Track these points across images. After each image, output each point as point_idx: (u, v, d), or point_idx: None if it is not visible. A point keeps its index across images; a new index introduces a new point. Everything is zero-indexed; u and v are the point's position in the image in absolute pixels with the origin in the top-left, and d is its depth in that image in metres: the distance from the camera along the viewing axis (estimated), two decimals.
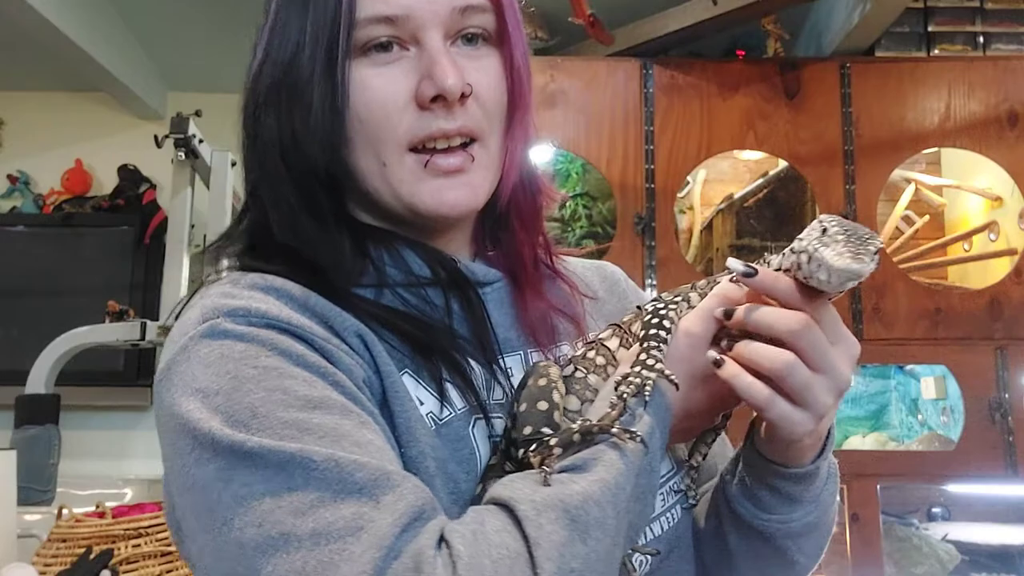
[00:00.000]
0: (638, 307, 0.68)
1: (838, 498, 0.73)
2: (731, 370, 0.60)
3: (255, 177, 0.69)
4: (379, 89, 0.64)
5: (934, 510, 2.44)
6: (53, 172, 3.28)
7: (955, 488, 2.32)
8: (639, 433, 0.57)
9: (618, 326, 0.69)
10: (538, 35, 2.57)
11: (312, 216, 0.66)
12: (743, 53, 2.52)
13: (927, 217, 2.63)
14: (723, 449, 0.80)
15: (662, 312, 0.63)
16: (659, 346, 0.61)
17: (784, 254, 0.61)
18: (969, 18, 2.44)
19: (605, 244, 2.37)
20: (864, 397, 2.69)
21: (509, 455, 0.62)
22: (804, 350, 0.58)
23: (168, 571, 1.56)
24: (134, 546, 1.54)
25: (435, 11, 0.64)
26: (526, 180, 0.75)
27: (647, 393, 0.59)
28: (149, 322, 2.29)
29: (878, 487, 2.12)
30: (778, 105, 2.31)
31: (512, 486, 0.55)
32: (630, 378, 0.60)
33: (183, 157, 2.35)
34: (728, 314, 0.61)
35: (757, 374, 0.59)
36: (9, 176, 3.28)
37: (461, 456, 0.63)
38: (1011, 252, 2.36)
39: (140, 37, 2.98)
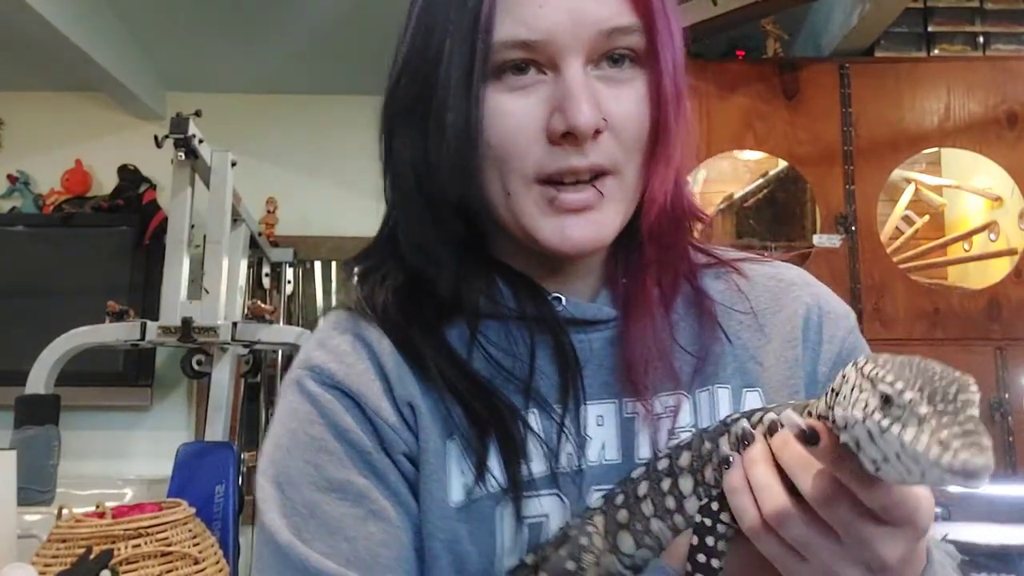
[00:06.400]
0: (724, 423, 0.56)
1: None
2: (733, 476, 0.51)
3: (389, 194, 0.67)
4: (515, 117, 0.59)
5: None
6: (53, 172, 3.28)
7: (955, 488, 2.31)
8: None
9: (697, 455, 0.55)
10: None
11: (442, 243, 0.64)
12: (743, 53, 2.52)
13: (927, 217, 2.64)
14: None
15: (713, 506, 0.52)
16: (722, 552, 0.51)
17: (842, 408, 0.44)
18: (969, 18, 2.44)
19: None
20: None
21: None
22: (824, 515, 0.48)
23: (168, 571, 1.56)
24: (134, 546, 1.53)
25: (577, 35, 0.58)
26: (671, 206, 0.66)
27: None
28: (149, 322, 2.28)
29: None
30: (777, 105, 2.31)
31: None
32: None
33: (183, 157, 2.34)
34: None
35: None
36: (9, 176, 3.29)
37: (477, 537, 0.60)
38: (1011, 252, 2.36)
39: (139, 37, 2.98)
